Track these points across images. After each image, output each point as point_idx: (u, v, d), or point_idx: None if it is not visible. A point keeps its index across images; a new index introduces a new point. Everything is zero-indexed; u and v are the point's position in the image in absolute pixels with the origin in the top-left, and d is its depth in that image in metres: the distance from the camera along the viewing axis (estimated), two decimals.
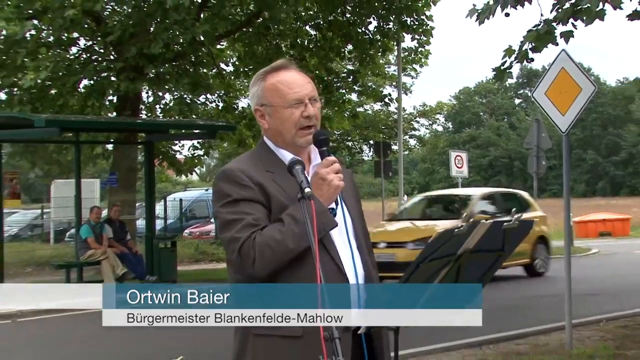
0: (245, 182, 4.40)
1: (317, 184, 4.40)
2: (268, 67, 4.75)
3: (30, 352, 16.78)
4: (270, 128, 4.63)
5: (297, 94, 4.59)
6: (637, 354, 14.49)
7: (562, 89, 14.46)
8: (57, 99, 28.41)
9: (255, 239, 4.25)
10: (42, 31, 27.91)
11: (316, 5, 30.32)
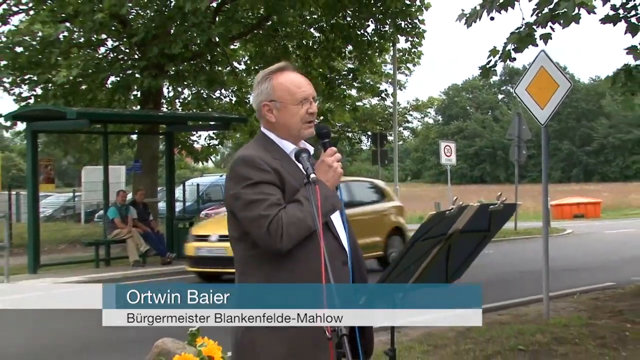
0: (264, 167, 4.48)
1: (323, 170, 4.55)
2: (272, 67, 4.85)
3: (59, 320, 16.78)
4: (277, 122, 4.70)
5: (304, 92, 4.70)
6: (606, 323, 14.51)
7: (541, 85, 14.51)
8: (87, 93, 28.42)
9: (282, 217, 4.35)
10: (74, 33, 27.89)
11: (320, 9, 30.27)
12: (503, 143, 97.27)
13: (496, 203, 4.27)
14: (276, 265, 4.43)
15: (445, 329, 14.24)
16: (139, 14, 28.68)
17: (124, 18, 27.96)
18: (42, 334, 15.10)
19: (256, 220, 4.39)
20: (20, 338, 14.80)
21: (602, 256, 26.84)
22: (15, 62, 28.15)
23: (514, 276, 21.04)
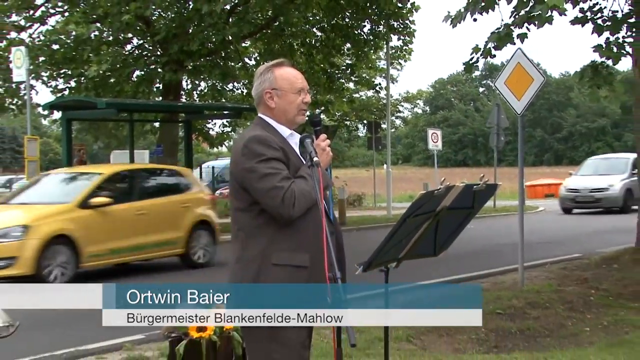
0: (274, 145, 4.62)
1: (319, 153, 4.69)
2: (273, 62, 5.00)
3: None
4: (277, 107, 4.84)
5: (301, 84, 4.88)
6: (574, 289, 14.54)
7: (518, 79, 14.48)
8: (115, 86, 28.39)
9: (294, 189, 4.49)
10: (104, 32, 27.85)
11: (321, 11, 30.23)
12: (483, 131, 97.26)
13: (479, 184, 4.29)
14: (278, 232, 4.53)
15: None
16: (161, 15, 28.61)
17: (148, 19, 27.92)
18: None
19: (271, 191, 4.50)
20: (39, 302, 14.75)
21: (570, 231, 26.84)
22: (52, 58, 28.15)
23: (493, 248, 21.02)
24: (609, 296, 13.82)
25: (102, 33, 27.89)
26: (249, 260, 4.65)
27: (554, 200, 43.33)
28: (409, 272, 4.92)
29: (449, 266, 15.99)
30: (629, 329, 11.40)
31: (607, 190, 32.53)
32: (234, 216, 4.85)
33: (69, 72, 29.19)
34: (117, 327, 11.70)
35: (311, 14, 30.64)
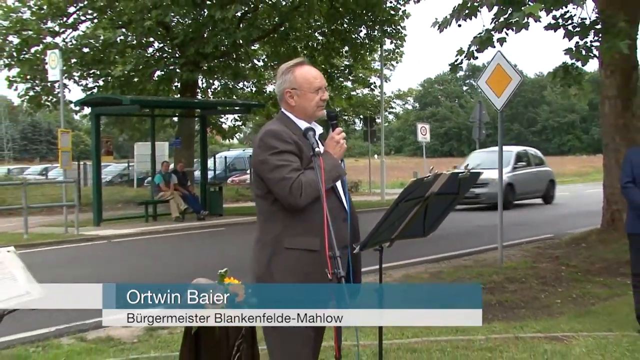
0: (287, 139, 4.56)
1: (332, 145, 4.66)
2: (292, 62, 4.86)
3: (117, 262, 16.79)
4: (297, 105, 4.75)
5: (319, 83, 4.76)
6: (547, 266, 14.60)
7: (497, 78, 14.50)
8: (138, 85, 28.46)
9: (302, 180, 4.44)
10: (128, 37, 27.88)
11: (322, 18, 30.24)
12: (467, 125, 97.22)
13: (463, 172, 4.27)
14: (291, 217, 4.49)
15: (421, 270, 14.23)
16: (179, 21, 28.59)
17: (168, 25, 27.95)
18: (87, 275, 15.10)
19: (281, 182, 4.46)
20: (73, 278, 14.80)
21: (543, 214, 26.86)
22: (83, 60, 28.23)
23: (475, 230, 21.01)
24: (578, 272, 13.85)
25: (126, 37, 27.91)
26: (265, 243, 4.65)
27: None
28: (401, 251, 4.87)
29: (436, 245, 15.97)
30: (594, 300, 11.43)
31: (486, 185, 26.86)
32: (256, 201, 4.83)
33: (97, 72, 29.27)
34: None
35: (313, 20, 30.64)
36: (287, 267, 4.48)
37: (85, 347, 8.93)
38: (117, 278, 14.55)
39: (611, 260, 14.53)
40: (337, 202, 4.64)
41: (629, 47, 14.66)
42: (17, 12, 28.28)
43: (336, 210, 4.57)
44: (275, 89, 4.93)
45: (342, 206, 4.66)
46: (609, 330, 9.06)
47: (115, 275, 14.99)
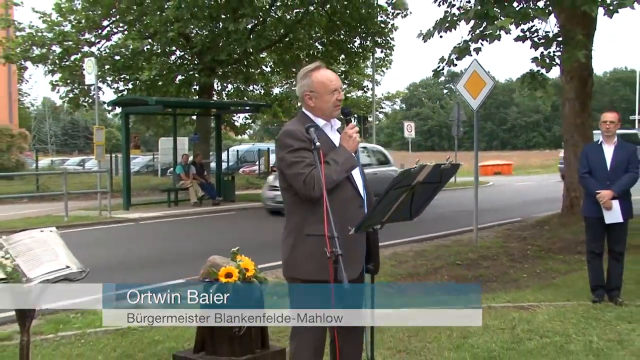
0: (301, 137, 4.48)
1: (346, 139, 4.58)
2: (310, 66, 4.77)
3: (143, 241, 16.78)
4: (315, 106, 4.68)
5: (335, 85, 4.67)
6: (515, 245, 14.57)
7: (474, 83, 14.49)
8: (162, 87, 28.38)
9: (314, 174, 4.38)
10: (154, 46, 27.80)
11: (322, 30, 30.21)
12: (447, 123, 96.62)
13: (445, 163, 4.27)
14: (310, 207, 4.43)
15: (407, 249, 14.22)
16: (198, 32, 28.56)
17: (188, 35, 27.93)
18: (119, 252, 15.10)
19: (296, 176, 4.43)
20: (106, 254, 14.80)
21: (512, 200, 26.84)
22: (114, 66, 28.16)
23: (454, 214, 20.98)
24: (541, 250, 13.85)
25: (152, 47, 27.84)
26: (289, 230, 4.63)
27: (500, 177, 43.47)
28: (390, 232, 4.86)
29: (421, 228, 15.94)
30: (555, 275, 11.44)
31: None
32: (282, 194, 4.78)
33: (127, 77, 29.24)
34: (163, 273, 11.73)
35: (314, 31, 30.60)
36: (308, 251, 4.45)
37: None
38: (143, 255, 14.58)
39: (570, 240, 14.54)
40: (352, 191, 4.58)
41: (586, 56, 14.78)
42: (59, 25, 28.28)
43: (351, 197, 4.55)
44: (297, 91, 4.85)
45: (358, 194, 4.61)
46: (567, 300, 9.08)
47: (141, 252, 15.00)
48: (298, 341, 4.64)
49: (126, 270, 12.49)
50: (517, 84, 28.63)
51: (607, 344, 7.00)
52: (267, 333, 6.42)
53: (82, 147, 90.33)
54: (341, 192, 4.50)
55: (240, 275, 6.17)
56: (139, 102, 25.04)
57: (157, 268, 12.69)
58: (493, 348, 6.85)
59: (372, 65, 36.10)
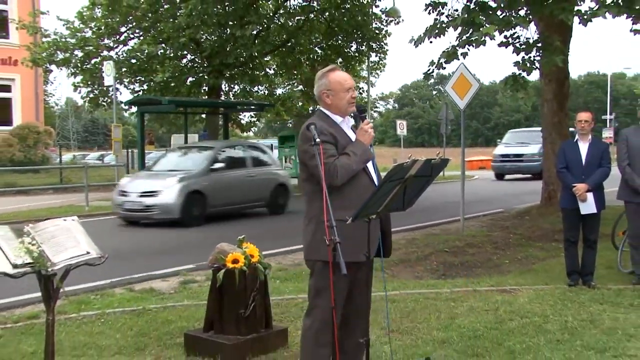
0: (323, 131, 4.55)
1: (362, 134, 4.69)
2: (326, 68, 4.89)
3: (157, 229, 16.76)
4: (332, 103, 4.75)
5: (349, 84, 4.76)
6: (498, 234, 14.56)
7: (461, 85, 14.49)
8: (175, 88, 28.36)
9: (337, 163, 4.47)
10: (167, 50, 27.75)
11: (321, 35, 30.15)
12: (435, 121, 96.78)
13: (435, 158, 4.27)
14: (330, 195, 4.33)
15: (399, 237, 14.20)
16: (207, 38, 28.47)
17: (198, 41, 27.89)
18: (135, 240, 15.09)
19: (319, 166, 4.38)
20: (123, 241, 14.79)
21: (495, 192, 26.86)
22: (131, 69, 28.16)
23: (442, 205, 21.00)
24: (522, 238, 13.88)
25: (165, 51, 27.80)
26: (310, 218, 4.64)
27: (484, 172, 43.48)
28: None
29: (412, 217, 15.95)
30: (535, 261, 11.45)
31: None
32: (302, 184, 4.81)
33: (142, 79, 29.22)
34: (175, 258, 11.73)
35: (314, 37, 30.55)
36: (324, 240, 4.37)
37: (133, 296, 8.96)
38: (157, 242, 14.57)
39: (548, 229, 14.56)
40: (367, 180, 4.62)
41: (562, 61, 14.78)
42: (81, 32, 28.31)
43: (366, 186, 4.56)
44: (314, 91, 4.90)
45: (372, 183, 4.65)
46: (546, 284, 9.11)
47: (155, 238, 15.00)
48: (316, 315, 4.67)
49: (141, 256, 12.50)
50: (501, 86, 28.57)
51: (581, 323, 7.02)
52: (270, 314, 6.44)
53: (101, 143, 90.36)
54: (358, 181, 4.56)
55: (246, 261, 6.18)
56: (153, 102, 25.01)
57: (170, 254, 12.71)
58: (478, 328, 6.86)
59: (367, 68, 36.00)
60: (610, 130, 53.36)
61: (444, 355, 5.95)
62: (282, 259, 11.92)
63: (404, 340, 6.51)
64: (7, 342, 6.76)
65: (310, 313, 4.72)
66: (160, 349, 6.40)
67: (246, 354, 5.98)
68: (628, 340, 6.44)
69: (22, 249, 4.29)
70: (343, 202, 4.41)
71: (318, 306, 4.65)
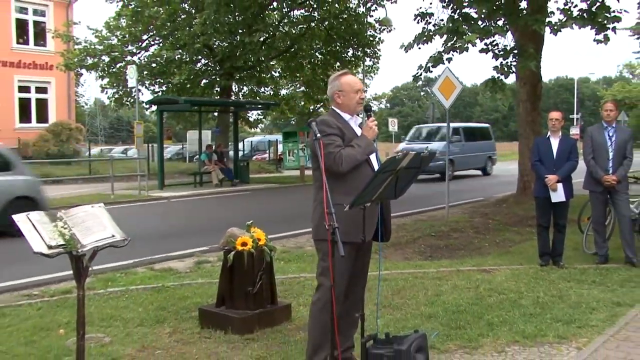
0: (332, 125, 4.60)
1: (367, 129, 4.71)
2: (339, 72, 4.94)
3: (174, 215, 16.78)
4: (343, 103, 4.76)
5: (358, 86, 4.79)
6: (479, 220, 14.51)
7: (446, 86, 14.42)
8: (190, 89, 28.37)
9: (342, 153, 4.50)
10: (183, 55, 27.71)
11: (321, 42, 30.10)
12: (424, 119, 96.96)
13: (424, 152, 4.28)
14: (335, 183, 4.42)
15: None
16: (219, 44, 28.42)
17: (211, 47, 27.88)
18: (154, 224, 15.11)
19: (328, 155, 4.44)
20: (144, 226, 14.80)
21: (477, 183, 26.82)
22: (151, 72, 28.16)
23: (429, 194, 20.97)
24: (500, 224, 13.85)
25: (182, 56, 27.76)
26: (318, 202, 4.61)
27: None
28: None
29: (402, 205, 15.95)
30: (511, 244, 11.46)
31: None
32: (313, 173, 4.80)
33: (161, 81, 29.25)
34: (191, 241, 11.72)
35: (315, 43, 30.48)
36: (335, 217, 4.34)
37: (153, 274, 8.98)
38: (174, 226, 14.59)
39: (522, 216, 14.55)
40: (369, 170, 4.60)
41: (536, 66, 14.93)
42: (108, 39, 28.43)
43: (368, 176, 4.47)
44: (328, 92, 4.91)
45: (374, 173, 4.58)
46: (520, 264, 9.11)
47: (172, 224, 15.02)
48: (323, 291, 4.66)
49: (160, 239, 12.51)
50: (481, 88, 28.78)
51: (551, 299, 7.04)
52: (275, 291, 6.44)
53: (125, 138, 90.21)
54: (361, 171, 4.56)
55: (254, 244, 6.18)
56: (171, 102, 25.01)
57: (186, 237, 12.71)
58: (460, 303, 6.87)
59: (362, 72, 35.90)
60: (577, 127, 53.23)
61: (431, 327, 5.96)
62: (286, 242, 11.92)
63: (394, 314, 6.52)
64: (45, 313, 6.84)
65: (317, 289, 4.74)
66: (178, 322, 6.42)
67: (254, 327, 5.99)
68: (591, 313, 6.48)
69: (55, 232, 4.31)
70: (346, 189, 4.43)
71: (323, 284, 4.66)
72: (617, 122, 9.07)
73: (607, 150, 8.76)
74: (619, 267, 8.67)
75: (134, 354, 5.45)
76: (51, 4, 34.23)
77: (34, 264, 9.56)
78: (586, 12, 14.99)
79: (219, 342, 5.71)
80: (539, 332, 5.84)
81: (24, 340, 5.87)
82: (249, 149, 45.60)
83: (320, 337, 4.64)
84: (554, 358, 5.23)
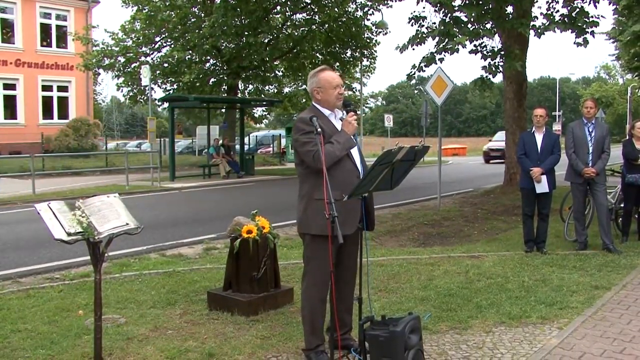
0: (310, 123, 4.39)
1: (346, 124, 4.49)
2: (317, 69, 4.73)
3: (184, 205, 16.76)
4: (322, 98, 4.59)
5: (337, 82, 4.60)
6: (469, 209, 14.53)
7: (438, 85, 14.40)
8: (199, 88, 28.37)
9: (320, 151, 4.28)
10: (193, 56, 27.65)
11: (322, 44, 30.05)
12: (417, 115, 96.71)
13: (418, 146, 4.24)
14: (318, 178, 4.33)
15: (386, 212, 14.19)
16: (227, 46, 28.34)
17: (219, 48, 27.80)
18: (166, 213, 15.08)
19: (307, 153, 4.35)
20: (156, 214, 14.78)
21: (466, 175, 26.82)
22: (163, 72, 28.14)
23: (421, 185, 20.96)
24: (488, 213, 13.86)
25: (192, 57, 27.71)
26: (302, 196, 4.56)
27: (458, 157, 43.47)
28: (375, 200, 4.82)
29: (397, 195, 15.92)
30: (498, 231, 11.45)
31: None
32: (296, 168, 4.70)
33: (172, 80, 29.18)
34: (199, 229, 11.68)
35: (316, 45, 30.45)
36: (316, 211, 4.37)
37: (165, 260, 8.98)
38: (184, 215, 14.57)
39: (509, 206, 14.56)
40: (351, 165, 4.50)
41: (521, 66, 14.91)
42: (123, 41, 28.50)
43: (350, 170, 4.48)
44: (307, 88, 4.78)
45: (355, 167, 4.54)
46: (507, 250, 9.10)
47: (182, 213, 14.98)
48: (308, 279, 4.64)
49: (171, 227, 12.49)
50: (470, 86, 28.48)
51: (535, 283, 7.03)
52: (279, 276, 6.42)
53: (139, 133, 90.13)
54: (343, 166, 4.44)
55: (258, 232, 6.16)
56: (182, 99, 25.01)
57: (195, 225, 12.70)
58: (451, 287, 6.86)
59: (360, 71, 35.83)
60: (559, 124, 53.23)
61: (424, 310, 5.95)
62: (289, 230, 11.91)
63: (390, 298, 6.51)
64: (66, 295, 6.87)
65: (304, 277, 4.69)
66: (188, 304, 6.41)
67: (258, 309, 5.98)
68: (571, 295, 6.48)
69: (74, 220, 4.30)
70: (330, 183, 4.28)
71: (309, 272, 4.63)
72: (596, 119, 9.05)
73: (587, 144, 8.77)
74: (596, 253, 8.68)
75: (147, 333, 5.45)
76: (72, 9, 34.91)
77: (54, 249, 9.60)
78: (567, 17, 15.16)
79: (226, 323, 5.71)
80: (523, 313, 5.84)
81: (47, 319, 5.89)
82: (254, 143, 45.53)
83: (310, 317, 4.63)
84: (537, 337, 5.23)
